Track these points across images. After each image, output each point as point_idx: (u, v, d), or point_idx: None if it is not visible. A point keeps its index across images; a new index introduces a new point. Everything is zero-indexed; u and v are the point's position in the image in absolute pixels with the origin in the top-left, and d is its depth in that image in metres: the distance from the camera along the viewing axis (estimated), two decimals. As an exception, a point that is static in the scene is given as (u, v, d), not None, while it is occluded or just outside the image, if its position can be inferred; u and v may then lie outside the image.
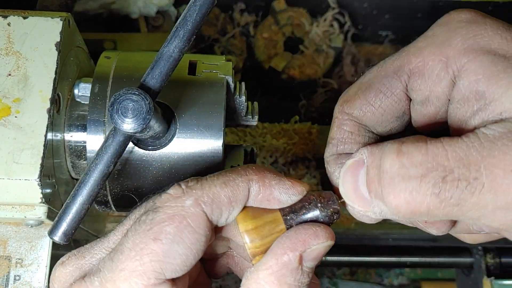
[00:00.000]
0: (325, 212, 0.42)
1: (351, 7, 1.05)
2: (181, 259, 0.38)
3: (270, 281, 0.38)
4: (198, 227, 0.38)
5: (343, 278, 1.23)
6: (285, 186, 0.42)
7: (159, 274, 0.38)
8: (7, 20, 0.53)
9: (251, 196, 0.41)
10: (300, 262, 0.39)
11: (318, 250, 0.40)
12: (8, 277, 0.52)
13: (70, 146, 0.55)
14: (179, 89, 0.51)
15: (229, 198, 0.40)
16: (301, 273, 0.39)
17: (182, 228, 0.38)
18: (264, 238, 0.41)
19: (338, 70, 1.08)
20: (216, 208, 0.40)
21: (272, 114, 0.98)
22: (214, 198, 0.40)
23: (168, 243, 0.38)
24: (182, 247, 0.38)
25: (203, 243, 0.39)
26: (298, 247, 0.39)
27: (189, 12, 0.41)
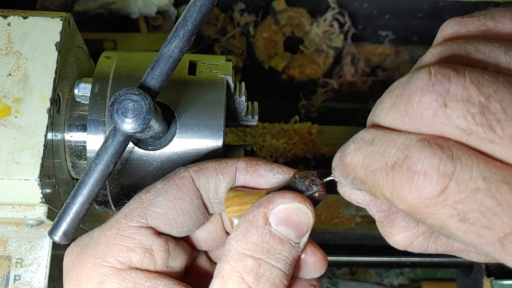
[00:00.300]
0: (302, 182, 0.42)
1: (351, 7, 1.05)
2: (163, 209, 0.42)
3: (238, 239, 0.39)
4: (182, 186, 0.43)
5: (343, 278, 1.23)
6: (271, 166, 0.45)
7: (141, 217, 0.42)
8: (7, 20, 0.53)
9: (238, 171, 0.44)
10: (266, 221, 0.39)
11: (285, 211, 0.39)
12: (8, 277, 0.52)
13: (70, 146, 0.55)
14: (179, 89, 0.51)
15: (215, 169, 0.44)
16: (270, 235, 0.39)
17: (168, 185, 0.43)
18: (243, 205, 0.42)
19: (338, 70, 1.08)
20: (202, 175, 0.44)
21: (272, 114, 0.98)
22: (202, 168, 0.45)
23: (153, 195, 0.43)
24: (164, 198, 0.43)
25: (187, 203, 0.43)
26: (262, 204, 0.40)
27: (189, 12, 0.41)
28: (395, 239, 0.41)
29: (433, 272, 1.25)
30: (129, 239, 0.41)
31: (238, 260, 0.38)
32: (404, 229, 0.40)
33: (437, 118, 0.29)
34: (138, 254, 0.41)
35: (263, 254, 0.38)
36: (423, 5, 1.04)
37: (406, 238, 0.40)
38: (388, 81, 1.10)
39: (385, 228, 0.41)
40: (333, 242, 0.88)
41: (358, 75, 1.09)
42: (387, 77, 1.10)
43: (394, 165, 0.29)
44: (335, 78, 1.08)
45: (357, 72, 1.09)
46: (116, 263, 0.40)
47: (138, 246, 0.41)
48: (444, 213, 0.28)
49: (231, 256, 0.38)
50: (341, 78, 1.08)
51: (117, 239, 0.41)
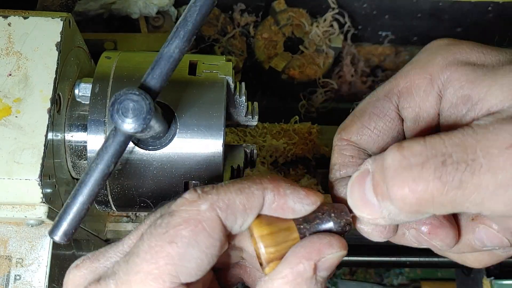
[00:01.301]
0: (338, 223, 0.42)
1: (351, 7, 1.05)
2: (196, 263, 0.38)
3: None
4: (213, 231, 0.39)
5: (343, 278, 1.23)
6: (299, 196, 0.42)
7: (174, 277, 0.38)
8: (7, 20, 0.53)
9: (265, 204, 0.41)
10: (315, 272, 0.40)
11: (332, 260, 0.40)
12: (9, 276, 0.52)
13: (70, 146, 0.55)
14: (180, 89, 0.51)
15: (244, 205, 0.40)
16: (315, 283, 0.39)
17: (197, 232, 0.38)
18: (278, 245, 0.41)
19: (338, 70, 1.08)
20: (231, 214, 0.40)
21: (272, 114, 0.98)
22: (229, 204, 0.40)
23: (183, 247, 0.38)
24: (197, 250, 0.38)
25: (218, 248, 0.39)
26: (313, 256, 0.40)
27: (190, 13, 0.41)
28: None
29: (433, 272, 1.25)
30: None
31: None
32: None
33: None
34: None
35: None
36: (423, 5, 1.04)
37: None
38: (388, 81, 1.09)
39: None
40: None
41: (358, 75, 1.09)
42: (387, 77, 1.10)
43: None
44: (335, 78, 1.08)
45: (357, 72, 1.09)
46: None
47: None
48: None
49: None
50: (341, 78, 1.08)
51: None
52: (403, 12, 1.06)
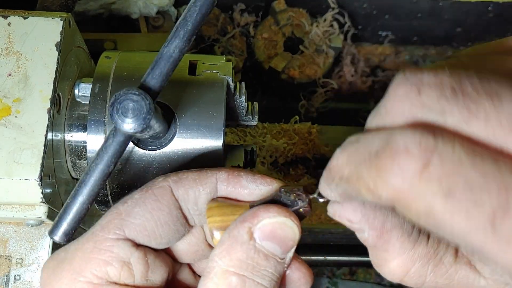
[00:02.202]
0: (291, 202, 0.41)
1: (351, 7, 1.05)
2: (140, 220, 0.41)
3: (222, 256, 0.38)
4: (161, 196, 0.42)
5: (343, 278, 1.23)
6: (253, 177, 0.43)
7: (119, 229, 0.41)
8: (7, 20, 0.53)
9: (219, 183, 0.43)
10: (251, 237, 0.38)
11: (270, 226, 0.39)
12: (9, 276, 0.52)
13: (70, 146, 0.55)
14: (179, 89, 0.51)
15: (195, 180, 0.43)
16: (255, 251, 0.38)
17: (146, 196, 0.42)
18: (224, 216, 0.41)
19: (338, 70, 1.08)
20: (181, 186, 0.42)
21: (272, 114, 0.98)
22: (182, 177, 0.43)
23: (131, 205, 0.42)
24: (142, 209, 0.41)
25: (166, 214, 0.42)
26: (247, 218, 0.39)
27: (189, 12, 0.41)
28: (390, 266, 0.38)
29: (433, 272, 1.25)
30: (106, 252, 0.39)
31: (222, 277, 0.37)
32: (399, 251, 0.38)
33: (414, 107, 0.29)
34: (116, 268, 0.39)
35: (248, 271, 0.37)
36: (423, 5, 1.04)
37: (402, 263, 0.38)
38: (388, 81, 1.10)
39: (379, 253, 0.39)
40: (333, 242, 0.88)
41: (358, 75, 1.09)
42: (387, 77, 1.10)
43: (377, 152, 0.29)
44: (335, 78, 1.08)
45: (357, 72, 1.09)
46: (93, 278, 0.39)
47: (115, 259, 0.39)
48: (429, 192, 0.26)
49: (214, 273, 0.37)
50: (341, 78, 1.08)
51: (93, 253, 0.39)
52: (403, 12, 1.06)
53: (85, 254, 0.40)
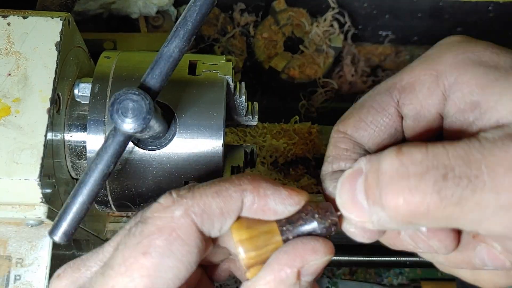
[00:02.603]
0: (323, 224, 0.41)
1: (351, 7, 1.05)
2: (172, 273, 0.37)
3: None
4: (188, 238, 0.37)
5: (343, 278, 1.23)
6: (281, 196, 0.40)
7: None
8: (7, 20, 0.53)
9: (245, 206, 0.40)
10: (298, 278, 0.38)
11: (316, 266, 0.39)
12: (9, 277, 0.52)
13: (70, 146, 0.55)
14: (179, 89, 0.51)
15: (221, 209, 0.39)
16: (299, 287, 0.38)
17: (171, 241, 0.37)
18: (259, 249, 0.39)
19: (338, 70, 1.08)
20: (207, 218, 0.38)
21: (272, 114, 0.98)
22: (205, 209, 0.38)
23: (157, 257, 0.36)
24: (173, 260, 0.37)
25: (195, 255, 0.38)
26: (296, 263, 0.38)
27: (189, 12, 0.41)
28: None
29: (433, 272, 1.25)
30: None
31: None
32: None
33: None
34: None
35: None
36: (423, 5, 1.04)
37: None
38: (388, 81, 1.10)
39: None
40: (333, 242, 0.88)
41: (358, 75, 1.09)
42: (387, 77, 1.10)
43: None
44: (335, 78, 1.08)
45: (357, 72, 1.09)
46: None
47: None
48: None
49: None
50: (341, 78, 1.08)
51: None
52: (403, 12, 1.06)
53: None
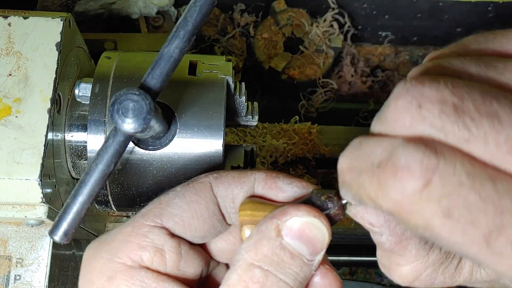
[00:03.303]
0: (329, 210, 0.41)
1: (351, 7, 1.05)
2: (178, 210, 0.42)
3: (249, 249, 0.38)
4: (200, 190, 0.43)
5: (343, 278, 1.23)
6: (290, 180, 0.44)
7: (156, 217, 0.42)
8: (7, 20, 0.53)
9: (256, 182, 0.44)
10: (278, 233, 0.38)
11: (298, 225, 0.38)
12: (9, 276, 0.52)
13: (70, 146, 0.55)
14: (180, 89, 0.51)
15: (234, 178, 0.44)
16: (281, 248, 0.38)
17: (186, 188, 0.44)
18: (256, 211, 0.41)
19: (337, 71, 1.08)
20: (221, 182, 0.44)
21: (272, 114, 0.98)
22: (222, 175, 0.44)
23: (171, 196, 0.43)
24: (181, 200, 0.43)
25: (203, 207, 0.43)
26: (275, 214, 0.39)
27: (190, 13, 0.41)
28: (402, 271, 0.40)
29: (433, 272, 1.25)
30: (142, 237, 0.41)
31: (246, 270, 0.37)
32: (414, 258, 0.39)
33: (414, 120, 0.29)
34: (149, 253, 0.40)
35: (272, 266, 0.37)
36: (423, 5, 1.04)
37: (415, 269, 0.39)
38: (387, 81, 1.10)
39: (392, 258, 0.40)
40: (333, 242, 0.88)
41: (357, 75, 1.09)
42: (387, 77, 1.10)
43: (379, 164, 0.29)
44: (335, 78, 1.08)
45: (357, 73, 1.09)
46: (127, 260, 0.40)
47: (150, 245, 0.41)
48: (428, 210, 0.28)
49: (239, 265, 0.38)
50: (340, 78, 1.08)
51: (130, 237, 0.41)
52: (403, 12, 1.06)
53: (123, 237, 0.41)
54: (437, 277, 0.40)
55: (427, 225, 0.28)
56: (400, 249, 0.39)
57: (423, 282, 0.40)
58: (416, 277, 0.39)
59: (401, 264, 0.39)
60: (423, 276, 0.40)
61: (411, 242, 0.38)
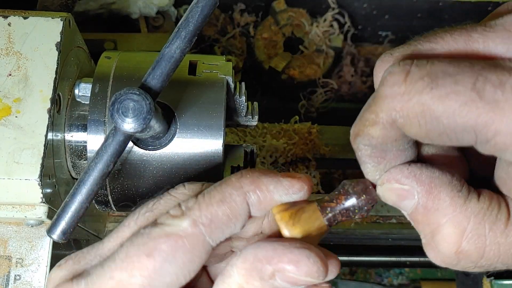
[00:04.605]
0: (361, 201, 0.41)
1: (351, 7, 1.05)
2: (170, 278, 0.38)
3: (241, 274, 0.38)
4: (193, 248, 0.38)
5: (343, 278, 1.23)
6: (283, 188, 0.40)
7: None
8: (7, 20, 0.53)
9: (252, 207, 0.40)
10: (272, 277, 0.37)
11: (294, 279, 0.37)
12: (9, 276, 0.52)
13: (70, 146, 0.55)
14: (180, 89, 0.51)
15: (228, 216, 0.39)
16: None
17: (177, 248, 0.37)
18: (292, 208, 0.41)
19: (338, 70, 1.08)
20: (215, 228, 0.39)
21: (272, 114, 0.98)
22: (213, 218, 0.39)
23: (160, 261, 0.37)
24: (173, 266, 0.37)
25: (197, 264, 0.38)
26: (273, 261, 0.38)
27: (191, 13, 0.41)
28: (445, 231, 0.37)
29: (433, 272, 1.25)
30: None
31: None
32: (451, 208, 0.36)
33: None
34: None
35: None
36: (422, 5, 1.04)
37: (457, 222, 0.36)
38: (388, 81, 1.10)
39: (431, 219, 0.37)
40: (333, 242, 0.88)
41: (358, 75, 1.09)
42: (387, 77, 1.10)
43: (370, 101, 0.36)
44: (335, 78, 1.08)
45: (357, 72, 1.09)
46: None
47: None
48: (414, 90, 0.32)
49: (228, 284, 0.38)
50: (341, 78, 1.08)
51: None
52: (403, 12, 1.06)
53: None
54: (486, 235, 0.36)
55: (422, 109, 0.32)
56: (433, 201, 0.37)
57: (473, 242, 0.36)
58: (461, 232, 0.36)
59: (441, 223, 0.37)
60: (469, 232, 0.36)
61: (442, 190, 0.37)
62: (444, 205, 0.37)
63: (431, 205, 0.37)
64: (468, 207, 0.36)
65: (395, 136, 0.37)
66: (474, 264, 0.37)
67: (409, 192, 0.38)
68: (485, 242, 0.36)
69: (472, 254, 0.37)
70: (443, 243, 0.37)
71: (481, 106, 0.31)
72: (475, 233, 0.36)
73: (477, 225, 0.36)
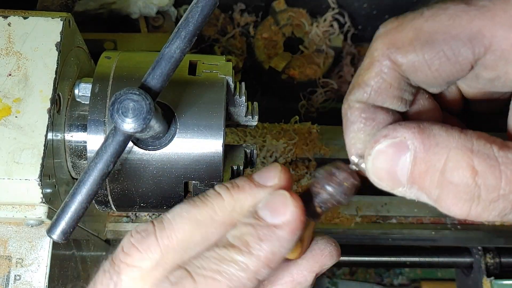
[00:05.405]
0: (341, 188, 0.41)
1: (351, 7, 1.05)
2: None
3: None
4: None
5: (343, 278, 1.23)
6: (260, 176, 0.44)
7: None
8: (7, 20, 0.53)
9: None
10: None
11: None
12: (9, 276, 0.52)
13: (70, 146, 0.55)
14: (179, 89, 0.51)
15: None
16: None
17: None
18: None
19: (338, 70, 1.08)
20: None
21: (272, 114, 0.98)
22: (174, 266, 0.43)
23: None
24: None
25: None
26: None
27: (191, 13, 0.41)
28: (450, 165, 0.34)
29: (433, 272, 1.25)
30: None
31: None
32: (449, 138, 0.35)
33: None
34: None
35: None
36: (422, 5, 1.04)
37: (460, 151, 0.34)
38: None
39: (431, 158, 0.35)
40: (333, 242, 0.88)
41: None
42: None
43: None
44: (335, 78, 1.08)
45: (357, 72, 1.09)
46: None
47: None
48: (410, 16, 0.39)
49: None
50: (341, 78, 1.08)
51: None
52: (403, 12, 1.05)
53: None
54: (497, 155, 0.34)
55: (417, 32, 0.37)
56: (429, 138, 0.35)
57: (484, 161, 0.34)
58: (469, 152, 0.34)
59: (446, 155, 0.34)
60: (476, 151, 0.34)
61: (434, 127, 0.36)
62: (442, 138, 0.35)
63: (429, 143, 0.35)
64: (467, 133, 0.35)
65: (389, 79, 0.38)
66: (497, 193, 0.34)
67: (402, 145, 0.36)
68: (497, 161, 0.34)
69: (489, 177, 0.34)
70: (456, 172, 0.34)
71: (472, 14, 0.30)
72: (483, 152, 0.34)
73: (482, 146, 0.34)
